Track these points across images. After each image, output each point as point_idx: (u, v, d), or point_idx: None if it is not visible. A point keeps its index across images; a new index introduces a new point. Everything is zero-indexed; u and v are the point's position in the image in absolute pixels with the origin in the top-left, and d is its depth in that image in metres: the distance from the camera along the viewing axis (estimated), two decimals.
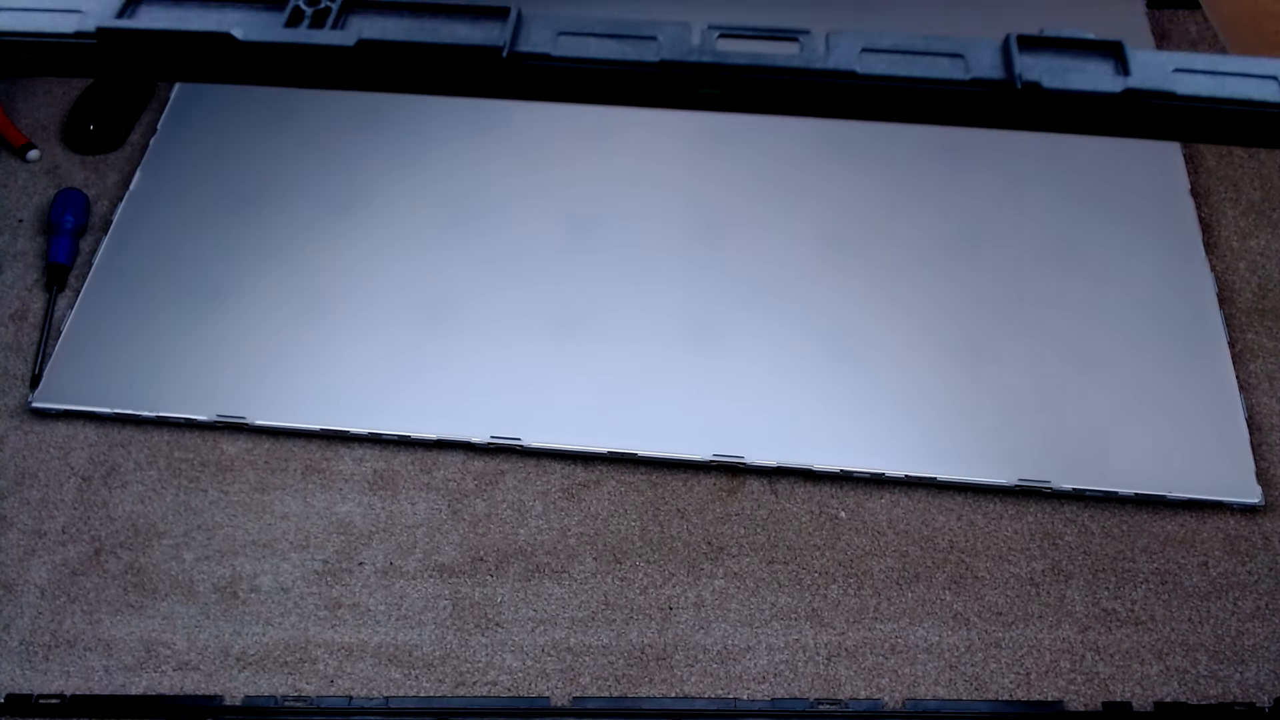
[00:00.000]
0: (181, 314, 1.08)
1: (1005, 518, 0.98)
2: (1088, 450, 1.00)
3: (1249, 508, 0.98)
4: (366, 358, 1.05)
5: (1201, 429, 1.00)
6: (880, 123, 1.21)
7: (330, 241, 1.12)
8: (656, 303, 1.07)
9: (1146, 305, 1.07)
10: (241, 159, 1.19)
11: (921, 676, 0.91)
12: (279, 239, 1.13)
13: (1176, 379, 1.03)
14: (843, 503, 0.99)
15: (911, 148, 1.17)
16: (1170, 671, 0.91)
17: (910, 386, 1.02)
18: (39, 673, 0.91)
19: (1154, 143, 1.17)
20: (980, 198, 1.14)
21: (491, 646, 0.92)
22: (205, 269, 1.11)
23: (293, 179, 1.17)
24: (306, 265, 1.11)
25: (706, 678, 0.91)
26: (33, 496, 1.00)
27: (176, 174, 1.18)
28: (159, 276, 1.11)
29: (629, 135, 1.18)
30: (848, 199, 1.13)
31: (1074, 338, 1.05)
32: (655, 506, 0.99)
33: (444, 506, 0.99)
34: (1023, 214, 1.13)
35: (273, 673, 0.91)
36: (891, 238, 1.11)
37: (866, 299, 1.07)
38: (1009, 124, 0.54)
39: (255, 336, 1.07)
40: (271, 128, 1.21)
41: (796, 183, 1.15)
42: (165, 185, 1.17)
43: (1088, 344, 1.04)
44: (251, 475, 1.01)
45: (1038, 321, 1.06)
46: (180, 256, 1.12)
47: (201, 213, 1.15)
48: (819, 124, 1.19)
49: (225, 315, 1.08)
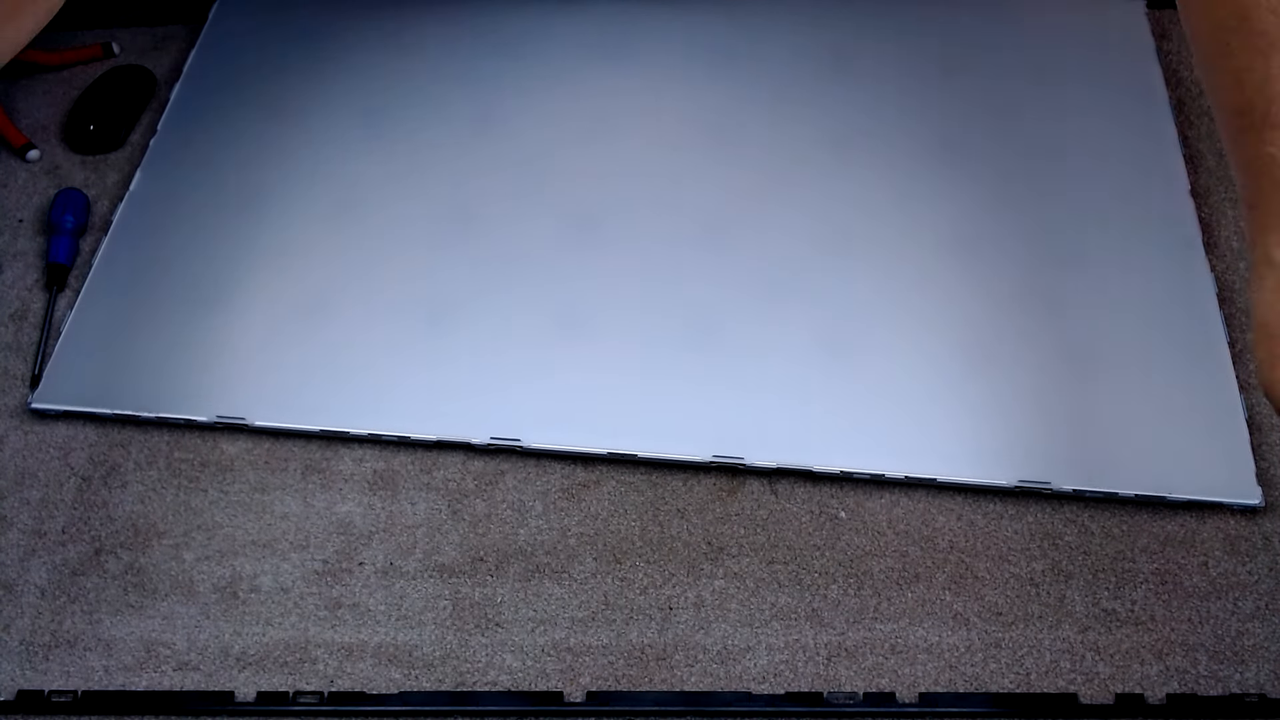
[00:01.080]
0: (182, 314, 1.08)
1: (1005, 518, 0.98)
2: (1088, 451, 1.00)
3: (1249, 509, 0.98)
4: (366, 358, 1.05)
5: (1202, 430, 1.00)
6: (877, 126, 1.20)
7: (330, 242, 1.13)
8: (656, 303, 1.07)
9: (1147, 306, 1.07)
10: (241, 159, 1.19)
11: (921, 676, 0.91)
12: (279, 239, 1.13)
13: (1177, 379, 1.03)
14: (843, 503, 0.99)
15: (911, 149, 1.17)
16: (1170, 671, 0.91)
17: (910, 387, 1.02)
18: (39, 673, 0.91)
19: (1155, 144, 1.16)
20: (980, 199, 1.14)
21: (491, 646, 0.92)
22: (205, 269, 1.11)
23: (293, 179, 1.17)
24: (307, 266, 1.11)
25: (706, 677, 0.91)
26: (33, 496, 1.00)
27: (176, 174, 1.18)
28: (159, 276, 1.11)
29: (629, 135, 1.19)
30: (847, 200, 1.14)
31: (1074, 339, 1.05)
32: (655, 506, 0.99)
33: (444, 507, 1.00)
34: (1023, 215, 1.13)
35: (273, 673, 0.91)
36: (891, 239, 1.11)
37: (866, 300, 1.07)
38: None
39: (255, 337, 1.07)
40: (271, 128, 1.21)
41: (796, 184, 1.15)
42: (165, 185, 1.17)
43: (1088, 345, 1.04)
44: (251, 475, 1.01)
45: (1038, 323, 1.06)
46: (180, 256, 1.12)
47: (201, 212, 1.15)
48: (818, 124, 1.19)
49: (225, 315, 1.08)
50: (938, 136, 1.17)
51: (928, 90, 1.20)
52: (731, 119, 1.19)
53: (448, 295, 1.08)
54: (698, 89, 1.22)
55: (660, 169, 1.16)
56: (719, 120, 1.19)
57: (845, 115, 1.19)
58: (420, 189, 1.15)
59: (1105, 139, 1.17)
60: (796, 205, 1.13)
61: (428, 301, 1.08)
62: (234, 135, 1.21)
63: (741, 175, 1.15)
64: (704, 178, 1.15)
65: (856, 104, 1.20)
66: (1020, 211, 1.12)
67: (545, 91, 1.22)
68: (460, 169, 1.17)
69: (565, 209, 1.13)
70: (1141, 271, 1.09)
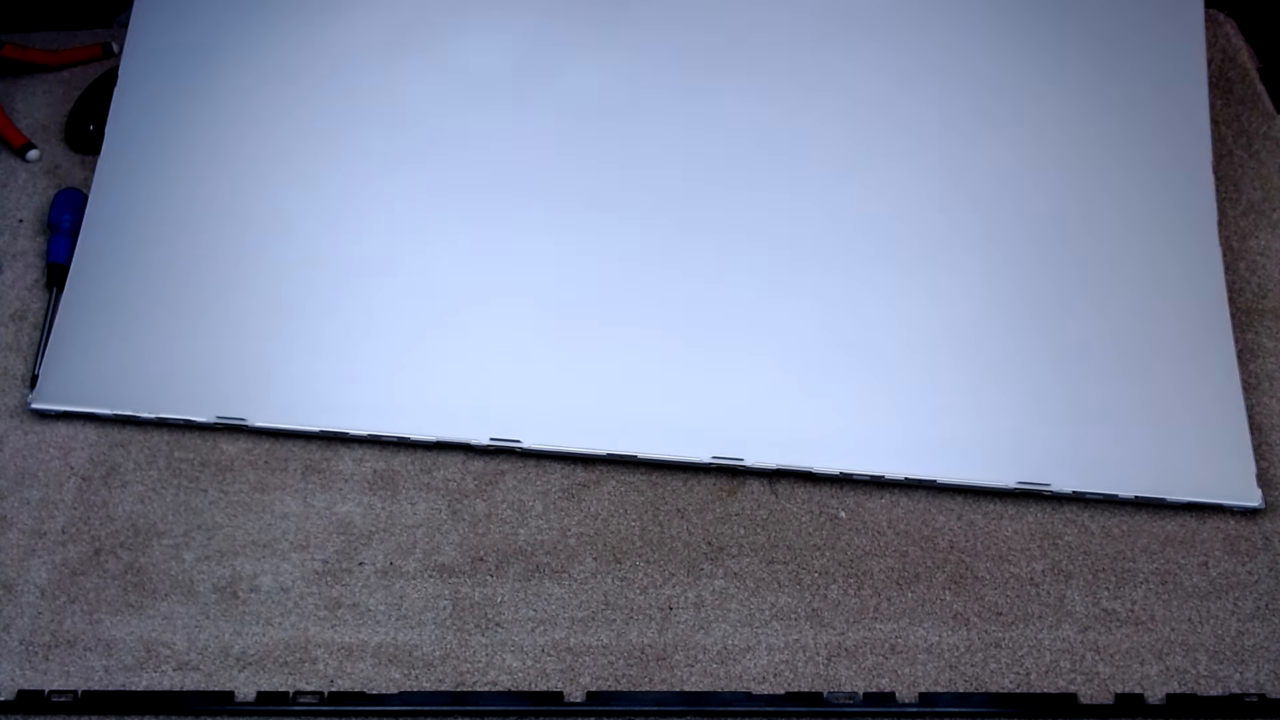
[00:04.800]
0: (181, 314, 1.08)
1: (1005, 518, 0.98)
2: (1088, 451, 1.00)
3: (1250, 510, 0.98)
4: (366, 358, 1.05)
5: (1202, 431, 1.00)
6: (881, 128, 1.18)
7: (330, 243, 1.12)
8: (657, 305, 1.07)
9: (1151, 307, 1.06)
10: (242, 158, 1.19)
11: (921, 676, 0.91)
12: (280, 240, 1.13)
13: (1178, 381, 1.02)
14: (843, 503, 0.99)
15: (913, 149, 1.17)
16: (1170, 672, 0.91)
17: (910, 388, 1.02)
18: (39, 673, 0.91)
19: (1183, 145, 1.13)
20: (980, 200, 1.13)
21: (491, 646, 0.92)
22: (206, 269, 1.11)
23: (294, 179, 1.17)
24: (307, 266, 1.11)
25: (706, 678, 0.91)
26: (33, 496, 1.00)
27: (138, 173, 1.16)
28: (156, 276, 1.10)
29: (630, 136, 1.18)
30: (847, 201, 1.13)
31: (1075, 339, 1.04)
32: (655, 507, 0.99)
33: (444, 507, 1.00)
34: (1024, 217, 1.12)
35: (273, 673, 0.91)
36: (892, 240, 1.11)
37: (867, 301, 1.07)
38: None
39: (255, 336, 1.07)
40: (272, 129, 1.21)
41: (796, 184, 1.15)
42: (131, 184, 1.14)
43: (1088, 346, 1.04)
44: (251, 475, 1.01)
45: (1038, 324, 1.05)
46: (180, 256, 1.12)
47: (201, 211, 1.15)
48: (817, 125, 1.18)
49: (225, 315, 1.08)
50: (940, 142, 1.15)
51: (951, 84, 1.16)
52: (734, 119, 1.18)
53: (448, 297, 1.08)
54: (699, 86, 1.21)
55: (662, 172, 1.16)
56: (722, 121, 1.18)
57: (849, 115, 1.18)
58: (420, 189, 1.15)
59: (1132, 138, 1.12)
60: (798, 209, 1.12)
61: (428, 303, 1.08)
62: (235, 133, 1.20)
63: (743, 179, 1.15)
64: (706, 180, 1.15)
65: (870, 101, 1.17)
66: (1024, 214, 1.12)
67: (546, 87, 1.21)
68: (460, 171, 1.16)
69: (566, 211, 1.13)
70: (1144, 274, 1.07)
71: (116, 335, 1.07)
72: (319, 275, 1.10)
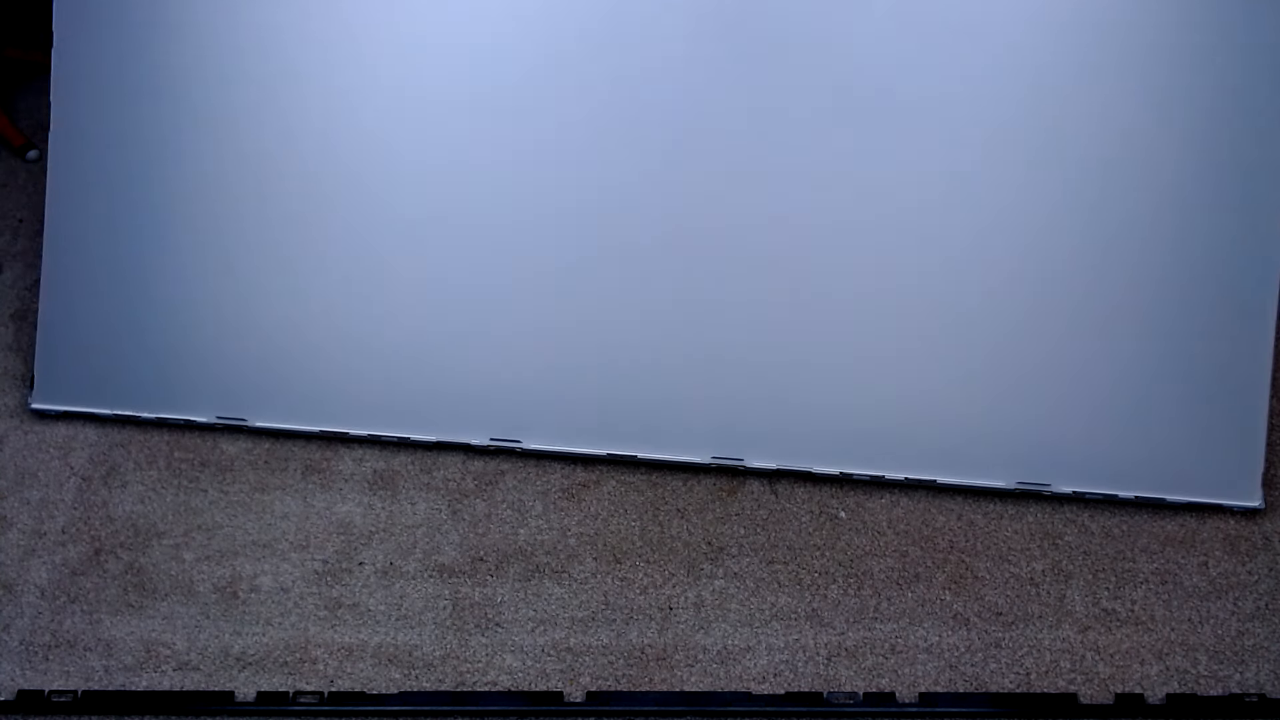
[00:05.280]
0: (181, 314, 1.08)
1: (1005, 518, 0.98)
2: (1088, 451, 1.00)
3: (1250, 510, 0.98)
4: (367, 358, 1.05)
5: (1209, 431, 1.00)
6: (886, 127, 1.16)
7: (330, 244, 1.12)
8: (657, 306, 1.07)
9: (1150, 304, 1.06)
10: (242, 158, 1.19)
11: (921, 676, 0.91)
12: (280, 241, 1.12)
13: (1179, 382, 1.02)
14: (843, 503, 0.99)
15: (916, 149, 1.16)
16: (1170, 671, 0.91)
17: (910, 388, 1.02)
18: (39, 673, 0.91)
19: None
20: (980, 201, 1.13)
21: (491, 646, 0.92)
22: (205, 269, 1.11)
23: (294, 179, 1.17)
24: (307, 267, 1.11)
25: (706, 678, 0.91)
26: (33, 496, 1.00)
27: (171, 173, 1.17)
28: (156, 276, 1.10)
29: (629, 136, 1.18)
30: (848, 202, 1.13)
31: (1075, 340, 1.04)
32: (655, 507, 0.99)
33: (444, 507, 1.00)
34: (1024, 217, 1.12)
35: (273, 673, 0.91)
36: (892, 241, 1.10)
37: (867, 303, 1.07)
38: None
39: (255, 337, 1.07)
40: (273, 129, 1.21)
41: (796, 185, 1.14)
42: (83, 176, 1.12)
43: (1089, 346, 1.04)
44: (251, 475, 1.01)
45: (1039, 326, 1.05)
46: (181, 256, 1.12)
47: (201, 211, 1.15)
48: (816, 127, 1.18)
49: (225, 316, 1.08)
50: (948, 144, 1.13)
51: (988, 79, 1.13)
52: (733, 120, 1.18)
53: (448, 297, 1.08)
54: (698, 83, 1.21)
55: (662, 171, 1.15)
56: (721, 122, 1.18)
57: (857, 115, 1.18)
58: (420, 190, 1.15)
59: (1194, 141, 1.08)
60: (798, 209, 1.12)
61: (428, 303, 1.08)
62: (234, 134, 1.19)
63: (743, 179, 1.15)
64: (706, 181, 1.15)
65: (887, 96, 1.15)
66: (1025, 214, 1.11)
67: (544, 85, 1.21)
68: (459, 171, 1.16)
69: (565, 210, 1.13)
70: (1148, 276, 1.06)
71: (115, 335, 1.07)
72: (319, 276, 1.10)
